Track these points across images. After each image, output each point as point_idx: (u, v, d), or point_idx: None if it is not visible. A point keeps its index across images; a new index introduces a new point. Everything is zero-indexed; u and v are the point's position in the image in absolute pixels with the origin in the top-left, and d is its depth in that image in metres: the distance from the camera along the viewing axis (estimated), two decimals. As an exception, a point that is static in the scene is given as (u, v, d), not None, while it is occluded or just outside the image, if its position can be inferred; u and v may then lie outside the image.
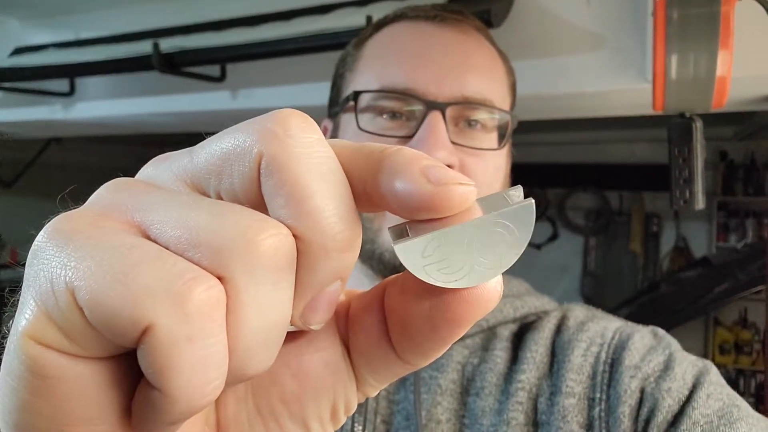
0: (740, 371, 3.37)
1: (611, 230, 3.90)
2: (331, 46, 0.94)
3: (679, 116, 0.68)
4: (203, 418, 0.22)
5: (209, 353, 0.16)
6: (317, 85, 1.04)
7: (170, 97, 1.32)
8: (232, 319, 0.17)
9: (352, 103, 0.59)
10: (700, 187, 0.66)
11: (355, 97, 0.58)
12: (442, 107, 0.55)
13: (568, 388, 0.52)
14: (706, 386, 0.50)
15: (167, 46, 1.12)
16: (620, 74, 0.88)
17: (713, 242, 3.55)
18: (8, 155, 2.69)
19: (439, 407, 0.54)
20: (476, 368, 0.56)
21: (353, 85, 0.61)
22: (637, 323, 0.60)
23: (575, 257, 3.98)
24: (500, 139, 0.60)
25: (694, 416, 0.47)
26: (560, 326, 0.58)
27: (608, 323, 0.58)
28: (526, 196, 0.19)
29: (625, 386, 0.51)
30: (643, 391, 0.51)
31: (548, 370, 0.55)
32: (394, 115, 0.58)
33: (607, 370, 0.53)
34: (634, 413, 0.50)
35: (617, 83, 0.88)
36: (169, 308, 0.15)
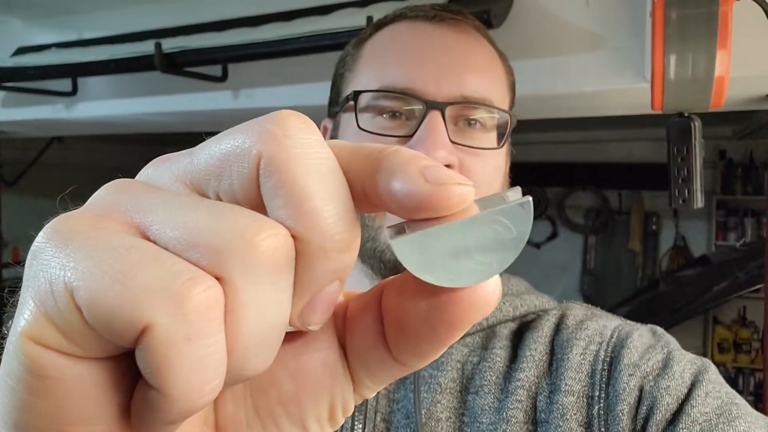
0: (739, 369, 3.37)
1: (610, 229, 3.90)
2: (331, 46, 0.94)
3: (678, 115, 0.68)
4: (202, 418, 0.22)
5: (207, 353, 0.16)
6: (318, 85, 1.05)
7: (172, 96, 1.32)
8: (230, 319, 0.16)
9: (351, 102, 0.59)
10: (698, 185, 0.66)
11: (354, 96, 0.58)
12: (441, 107, 0.55)
13: (567, 386, 0.52)
14: (704, 384, 0.50)
15: (169, 46, 1.12)
16: (619, 74, 0.88)
17: (712, 241, 3.55)
18: (11, 154, 2.69)
19: (438, 405, 0.54)
20: (476, 367, 0.56)
21: (353, 84, 0.61)
22: (636, 322, 0.60)
23: (575, 256, 3.98)
24: (499, 138, 0.60)
25: (692, 414, 0.47)
26: (559, 325, 0.59)
27: (607, 322, 0.58)
28: (524, 195, 0.19)
29: (623, 384, 0.51)
30: (641, 389, 0.51)
31: (547, 368, 0.55)
32: (393, 114, 0.58)
33: (606, 368, 0.53)
34: (632, 411, 0.50)
35: (616, 83, 0.89)
36: (167, 308, 0.15)
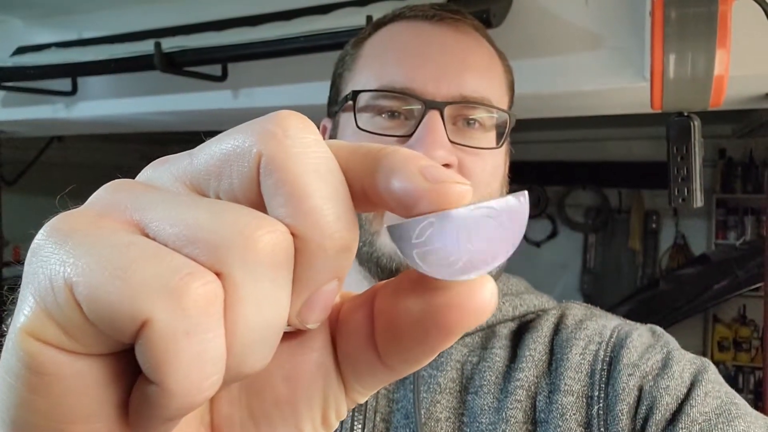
0: (739, 368, 3.38)
1: (610, 227, 3.90)
2: (331, 45, 0.94)
3: (677, 114, 0.68)
4: (198, 418, 0.22)
5: (207, 348, 0.16)
6: (317, 84, 1.05)
7: (172, 96, 1.33)
8: (229, 314, 0.16)
9: (350, 102, 0.59)
10: (698, 185, 0.66)
11: (353, 96, 0.58)
12: (440, 106, 0.55)
13: (566, 386, 0.52)
14: (704, 384, 0.50)
15: (169, 45, 1.12)
16: (618, 73, 0.88)
17: (712, 239, 3.56)
18: (11, 154, 2.70)
19: (438, 405, 0.54)
20: (475, 366, 0.56)
21: (352, 84, 0.61)
22: (636, 320, 0.60)
23: (575, 254, 3.99)
24: (499, 137, 0.60)
25: (692, 414, 0.47)
26: (559, 325, 0.59)
27: (606, 321, 0.58)
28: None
29: (623, 384, 0.51)
30: (641, 389, 0.51)
31: (547, 368, 0.55)
32: (392, 114, 0.58)
33: (605, 368, 0.53)
34: (632, 411, 0.50)
35: (615, 82, 0.89)
36: (166, 303, 0.16)
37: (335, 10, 1.01)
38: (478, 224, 0.18)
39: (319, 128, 0.62)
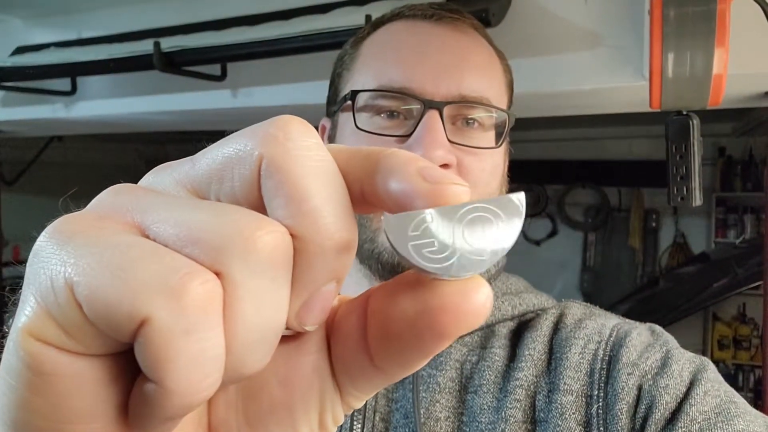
0: (739, 366, 3.38)
1: (610, 226, 3.91)
2: (330, 45, 0.94)
3: (676, 113, 0.68)
4: (196, 419, 0.22)
5: (206, 347, 0.16)
6: (317, 83, 1.05)
7: (171, 95, 1.33)
8: (229, 314, 0.17)
9: (349, 102, 0.58)
10: (697, 183, 0.66)
11: (352, 96, 0.58)
12: (439, 106, 0.55)
13: (565, 385, 0.53)
14: (703, 383, 0.50)
15: (168, 45, 1.12)
16: (617, 72, 0.88)
17: (712, 238, 3.56)
18: (10, 154, 2.70)
19: (437, 405, 0.54)
20: (475, 366, 0.56)
21: (351, 84, 0.61)
22: (636, 319, 0.60)
23: (574, 253, 3.99)
24: (498, 137, 0.60)
25: (691, 413, 0.47)
26: (558, 324, 0.59)
27: (606, 320, 0.59)
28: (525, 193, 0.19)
29: (622, 383, 0.51)
30: (640, 388, 0.51)
31: (546, 367, 0.55)
32: (391, 114, 0.58)
33: (604, 367, 0.53)
34: (631, 410, 0.50)
35: (615, 81, 0.89)
36: (165, 301, 0.16)
37: (334, 9, 1.01)
38: (474, 222, 0.18)
39: (317, 128, 0.62)
